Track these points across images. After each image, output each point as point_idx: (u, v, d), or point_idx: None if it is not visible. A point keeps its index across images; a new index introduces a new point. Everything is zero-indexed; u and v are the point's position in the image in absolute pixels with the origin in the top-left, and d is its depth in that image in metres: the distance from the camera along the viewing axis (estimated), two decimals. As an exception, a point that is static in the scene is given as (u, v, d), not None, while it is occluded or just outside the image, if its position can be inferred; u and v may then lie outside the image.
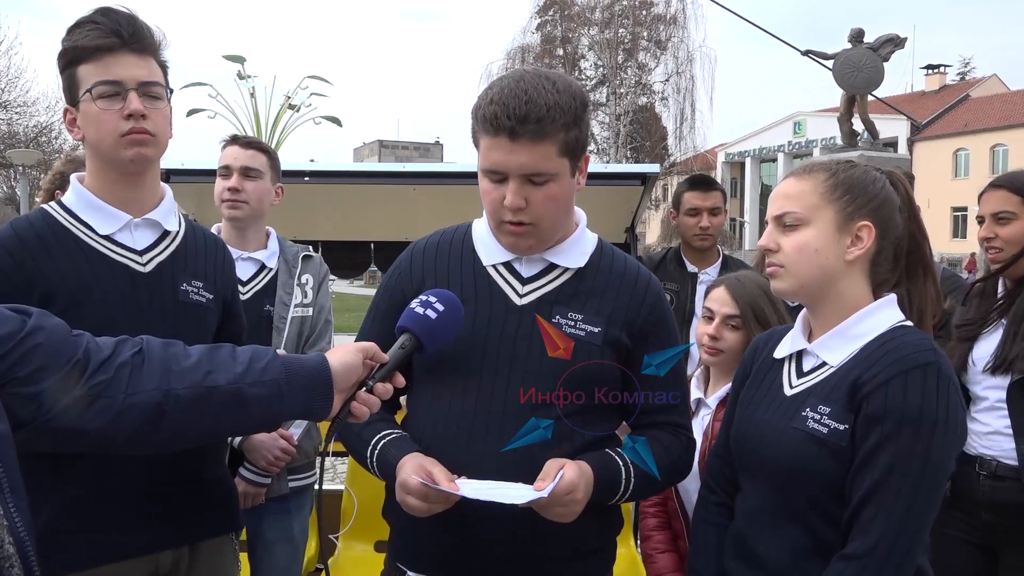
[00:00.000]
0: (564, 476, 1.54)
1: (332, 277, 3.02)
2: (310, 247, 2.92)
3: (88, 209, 1.84)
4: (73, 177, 1.89)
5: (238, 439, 2.55)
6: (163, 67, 1.84)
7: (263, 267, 2.76)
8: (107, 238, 1.83)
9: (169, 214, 1.93)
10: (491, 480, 1.59)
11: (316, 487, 2.79)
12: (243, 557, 2.81)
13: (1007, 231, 2.48)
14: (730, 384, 2.31)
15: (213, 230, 2.80)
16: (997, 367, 2.44)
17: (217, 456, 2.02)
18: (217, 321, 1.99)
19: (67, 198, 1.86)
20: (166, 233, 1.91)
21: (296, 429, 2.68)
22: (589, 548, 1.73)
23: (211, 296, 1.95)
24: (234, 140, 2.83)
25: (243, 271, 2.72)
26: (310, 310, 2.78)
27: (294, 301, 2.74)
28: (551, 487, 1.52)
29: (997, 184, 2.56)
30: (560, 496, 1.54)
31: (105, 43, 1.75)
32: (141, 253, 1.85)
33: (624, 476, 1.66)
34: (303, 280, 2.79)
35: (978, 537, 2.48)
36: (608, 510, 1.73)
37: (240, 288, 2.70)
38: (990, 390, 2.46)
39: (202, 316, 1.92)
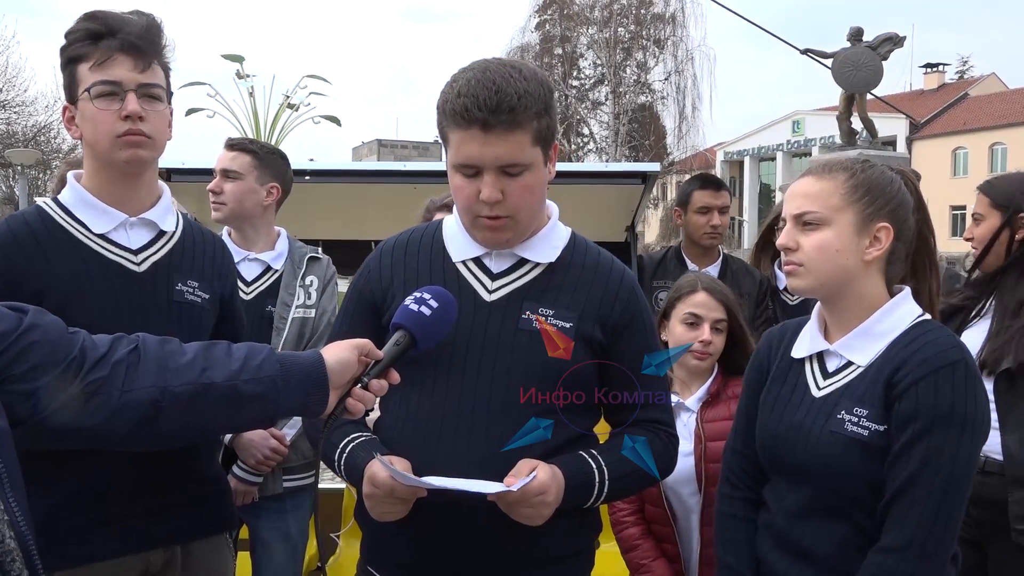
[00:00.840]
0: (537, 476, 1.52)
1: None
2: (319, 249, 2.91)
3: (84, 207, 1.83)
4: (70, 175, 1.89)
5: (228, 436, 2.54)
6: (165, 69, 1.84)
7: (269, 268, 2.76)
8: (102, 237, 1.82)
9: (166, 214, 1.91)
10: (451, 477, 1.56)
11: (312, 481, 2.80)
12: (245, 556, 2.81)
13: (978, 231, 2.62)
14: (705, 385, 2.36)
15: (224, 231, 2.80)
16: (983, 365, 2.45)
17: (210, 454, 2.01)
18: (214, 321, 1.97)
19: (64, 196, 1.86)
20: (163, 233, 1.90)
21: (289, 429, 2.67)
22: (564, 552, 1.70)
23: (207, 296, 1.93)
24: (226, 143, 2.85)
25: (248, 271, 2.72)
26: (312, 311, 2.77)
27: (296, 302, 2.73)
28: (523, 483, 1.50)
29: (979, 188, 2.73)
30: (530, 496, 1.52)
31: (106, 44, 1.74)
32: (136, 252, 1.84)
33: (597, 480, 1.63)
34: (307, 281, 2.78)
35: (968, 533, 2.48)
36: (584, 513, 1.70)
37: (244, 288, 2.68)
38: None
39: (197, 316, 1.91)
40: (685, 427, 2.29)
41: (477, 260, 1.70)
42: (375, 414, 1.82)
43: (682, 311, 2.37)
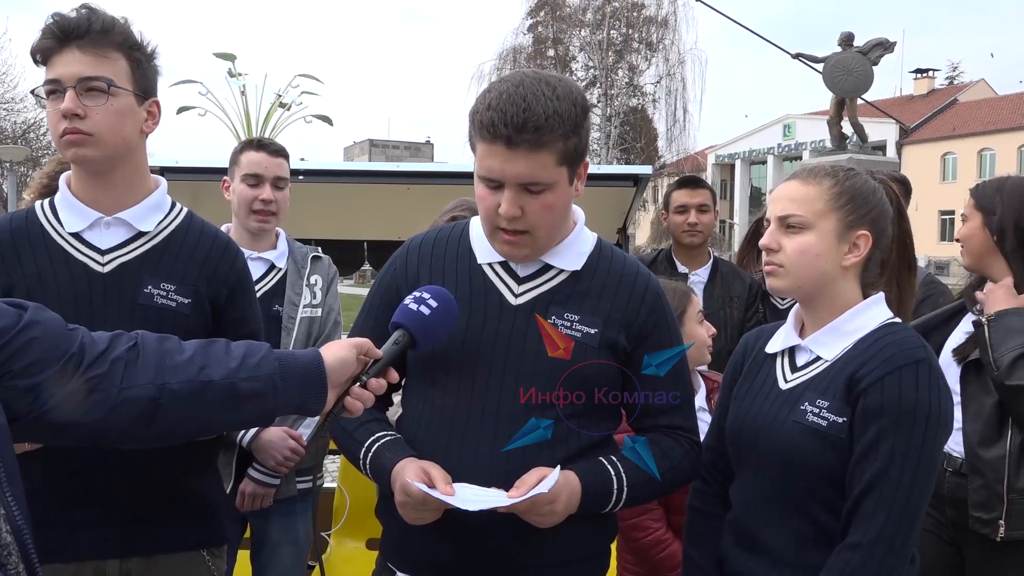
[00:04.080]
0: (547, 485, 1.53)
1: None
2: (319, 248, 2.91)
3: (65, 207, 1.83)
4: (63, 176, 1.89)
5: (247, 439, 2.53)
6: (132, 60, 1.78)
7: (272, 267, 2.75)
8: (76, 236, 1.80)
9: (148, 213, 1.86)
10: (482, 486, 1.58)
11: (312, 484, 2.80)
12: (245, 555, 2.80)
13: (962, 231, 2.59)
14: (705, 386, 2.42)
15: (222, 230, 2.78)
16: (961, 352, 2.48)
17: (193, 465, 1.88)
18: (203, 326, 1.87)
19: (56, 196, 1.87)
20: (141, 233, 1.84)
21: (305, 429, 2.64)
22: (584, 554, 1.72)
23: (187, 300, 1.84)
24: (261, 146, 2.75)
25: (253, 271, 2.66)
26: (319, 311, 2.78)
27: (303, 302, 2.73)
28: (532, 494, 1.51)
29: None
30: (539, 505, 1.54)
31: (47, 44, 1.72)
32: (104, 253, 1.81)
33: (616, 486, 1.65)
34: (312, 281, 2.78)
35: (946, 533, 2.51)
36: (601, 517, 1.71)
37: None
38: (956, 383, 2.50)
39: (170, 320, 1.79)
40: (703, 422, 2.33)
41: (503, 263, 1.70)
42: (395, 410, 1.83)
43: (693, 312, 2.45)
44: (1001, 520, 2.31)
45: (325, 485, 3.61)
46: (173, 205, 1.94)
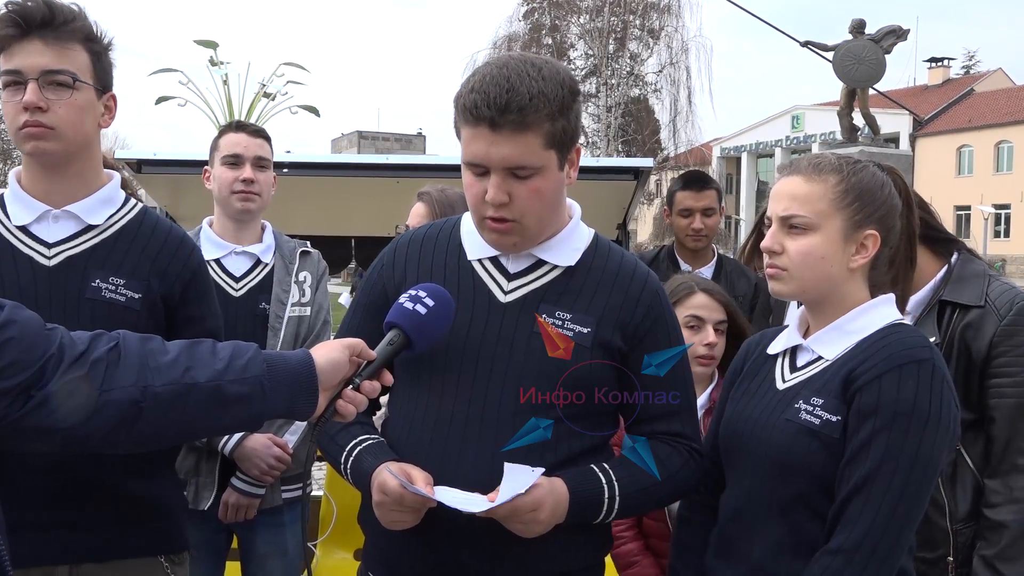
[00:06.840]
0: (529, 493, 1.53)
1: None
2: (308, 243, 2.88)
3: (13, 200, 1.87)
4: (12, 171, 1.93)
5: (229, 447, 2.52)
6: (93, 53, 1.82)
7: (258, 262, 2.71)
8: (22, 229, 1.83)
9: (98, 207, 1.90)
10: (466, 490, 1.58)
11: (301, 492, 2.80)
12: (235, 567, 2.79)
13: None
14: (707, 392, 2.38)
15: (205, 223, 2.74)
16: None
17: (147, 466, 1.87)
18: (155, 324, 1.88)
19: (5, 191, 1.90)
20: (91, 227, 1.88)
21: (291, 436, 2.63)
22: (573, 567, 1.71)
23: (136, 295, 1.87)
24: (240, 127, 2.78)
25: (237, 266, 2.68)
26: (308, 309, 2.74)
27: (291, 300, 2.70)
28: (510, 497, 1.51)
29: None
30: (521, 512, 1.54)
31: (6, 33, 1.74)
32: (50, 246, 1.84)
33: (607, 495, 1.64)
34: (301, 278, 2.75)
35: None
36: (592, 528, 1.71)
37: (233, 284, 2.65)
38: None
39: (118, 316, 1.83)
40: None
41: (494, 259, 1.71)
42: (383, 413, 1.84)
43: (682, 315, 2.36)
44: (949, 557, 2.09)
45: (312, 493, 3.63)
46: (127, 200, 1.96)
